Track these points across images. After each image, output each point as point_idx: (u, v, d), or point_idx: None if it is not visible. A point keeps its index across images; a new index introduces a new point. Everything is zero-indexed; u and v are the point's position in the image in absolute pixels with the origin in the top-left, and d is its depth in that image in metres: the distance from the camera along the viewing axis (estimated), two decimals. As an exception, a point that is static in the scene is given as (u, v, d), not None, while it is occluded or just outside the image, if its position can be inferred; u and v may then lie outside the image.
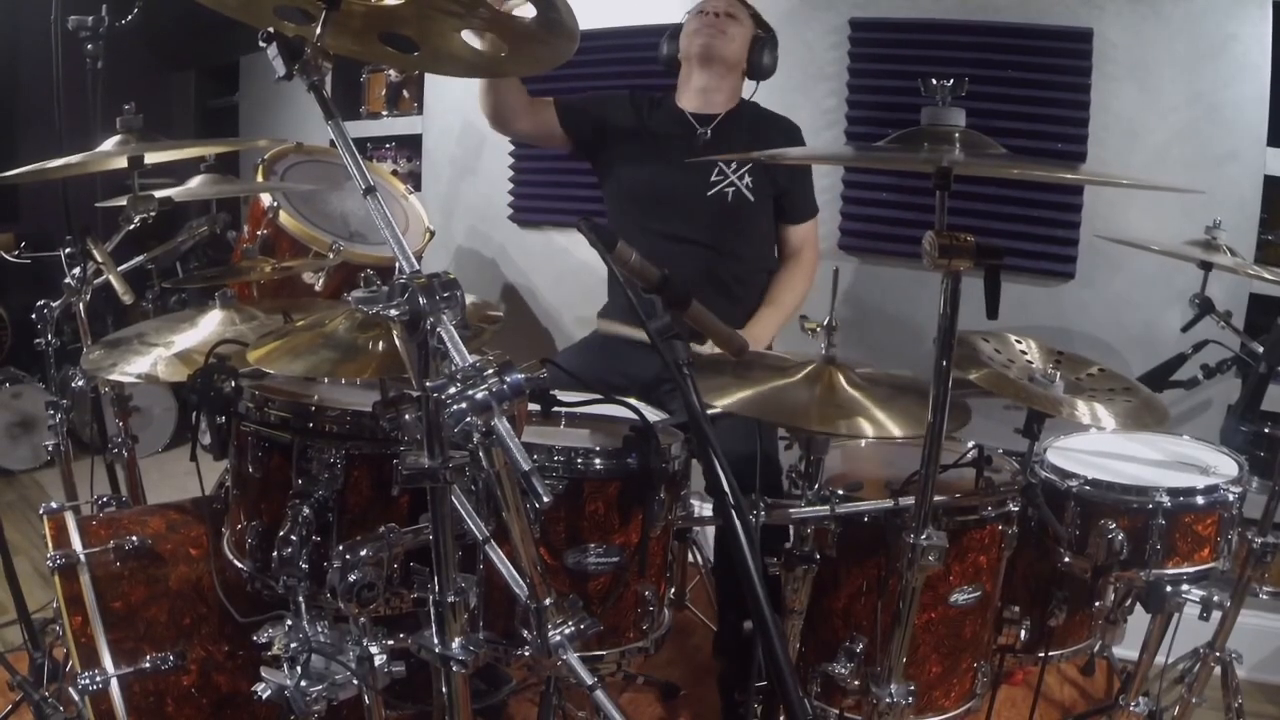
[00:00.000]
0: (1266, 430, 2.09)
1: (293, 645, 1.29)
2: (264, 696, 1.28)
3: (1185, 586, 1.75)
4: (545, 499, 0.97)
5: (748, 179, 2.36)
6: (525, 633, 1.13)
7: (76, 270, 2.06)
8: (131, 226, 2.02)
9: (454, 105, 3.82)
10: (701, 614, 2.65)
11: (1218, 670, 1.98)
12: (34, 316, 2.12)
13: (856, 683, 1.62)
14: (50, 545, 1.64)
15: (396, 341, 1.07)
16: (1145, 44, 2.66)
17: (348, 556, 1.14)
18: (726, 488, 1.13)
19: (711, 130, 2.41)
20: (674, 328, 1.26)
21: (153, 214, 2.00)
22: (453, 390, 0.94)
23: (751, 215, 2.40)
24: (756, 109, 2.51)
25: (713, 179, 2.37)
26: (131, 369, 1.79)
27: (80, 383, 2.16)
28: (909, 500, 1.51)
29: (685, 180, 2.38)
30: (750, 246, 2.44)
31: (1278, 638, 2.61)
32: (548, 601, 1.11)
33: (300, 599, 1.36)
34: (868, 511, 1.61)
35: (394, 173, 3.78)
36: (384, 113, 4.06)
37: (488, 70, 1.44)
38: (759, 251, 2.47)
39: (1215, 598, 1.74)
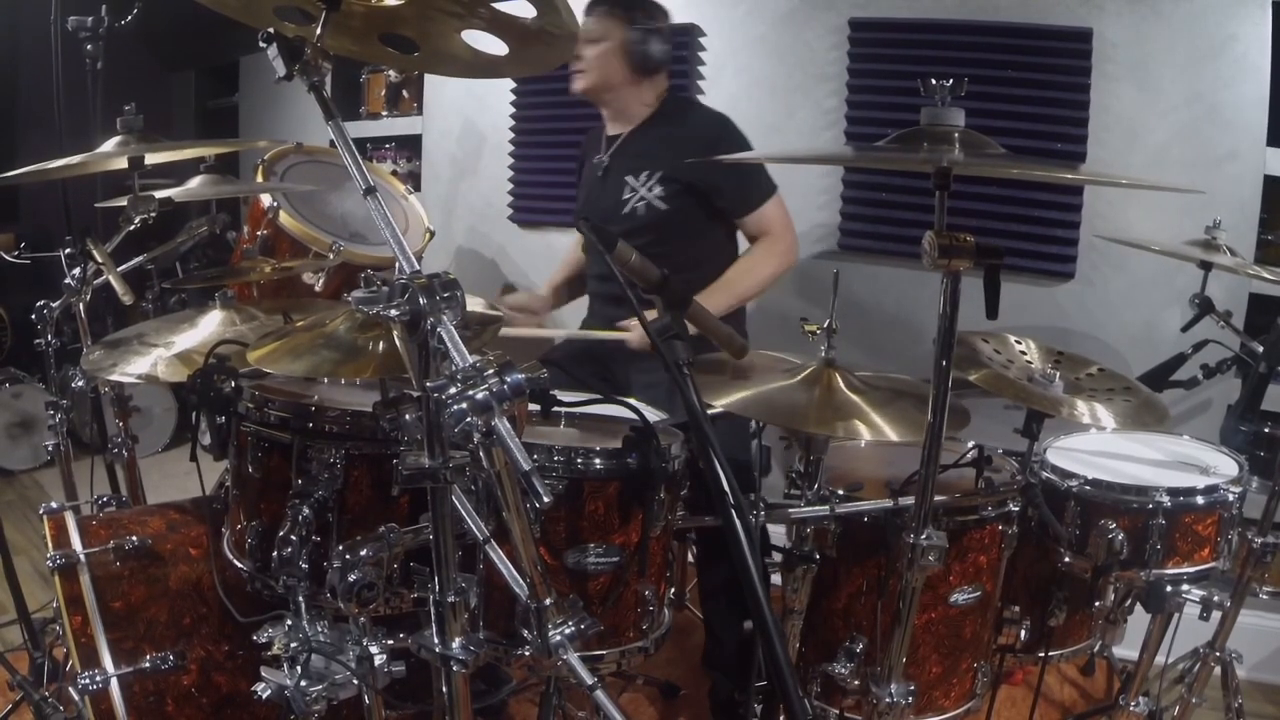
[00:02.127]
0: (1266, 430, 2.10)
1: (293, 645, 1.29)
2: (264, 696, 1.28)
3: (1185, 586, 1.75)
4: (545, 499, 0.97)
5: (657, 189, 2.31)
6: (525, 633, 1.13)
7: (76, 270, 2.05)
8: (131, 227, 2.02)
9: (454, 105, 3.82)
10: (701, 614, 2.65)
11: (1218, 670, 1.98)
12: (34, 317, 2.11)
13: (856, 683, 1.62)
14: (50, 545, 1.64)
15: (397, 342, 1.07)
16: (1145, 44, 2.66)
17: (348, 556, 1.15)
18: (726, 488, 1.13)
19: (610, 155, 2.40)
20: (673, 328, 1.26)
21: (153, 214, 2.00)
22: (453, 390, 0.94)
23: (668, 224, 2.31)
24: (677, 109, 2.43)
25: (624, 197, 2.34)
26: (131, 369, 1.79)
27: (80, 383, 2.16)
28: (909, 500, 1.51)
29: (602, 203, 2.37)
30: (674, 257, 2.24)
31: (1278, 638, 2.61)
32: (548, 601, 1.11)
33: (300, 599, 1.36)
34: (868, 511, 1.61)
35: (394, 173, 3.78)
36: (384, 113, 4.06)
37: (489, 71, 1.44)
38: (689, 259, 2.33)
39: (1215, 598, 1.74)
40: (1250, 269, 2.16)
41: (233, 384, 1.55)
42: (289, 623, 1.33)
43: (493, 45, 1.35)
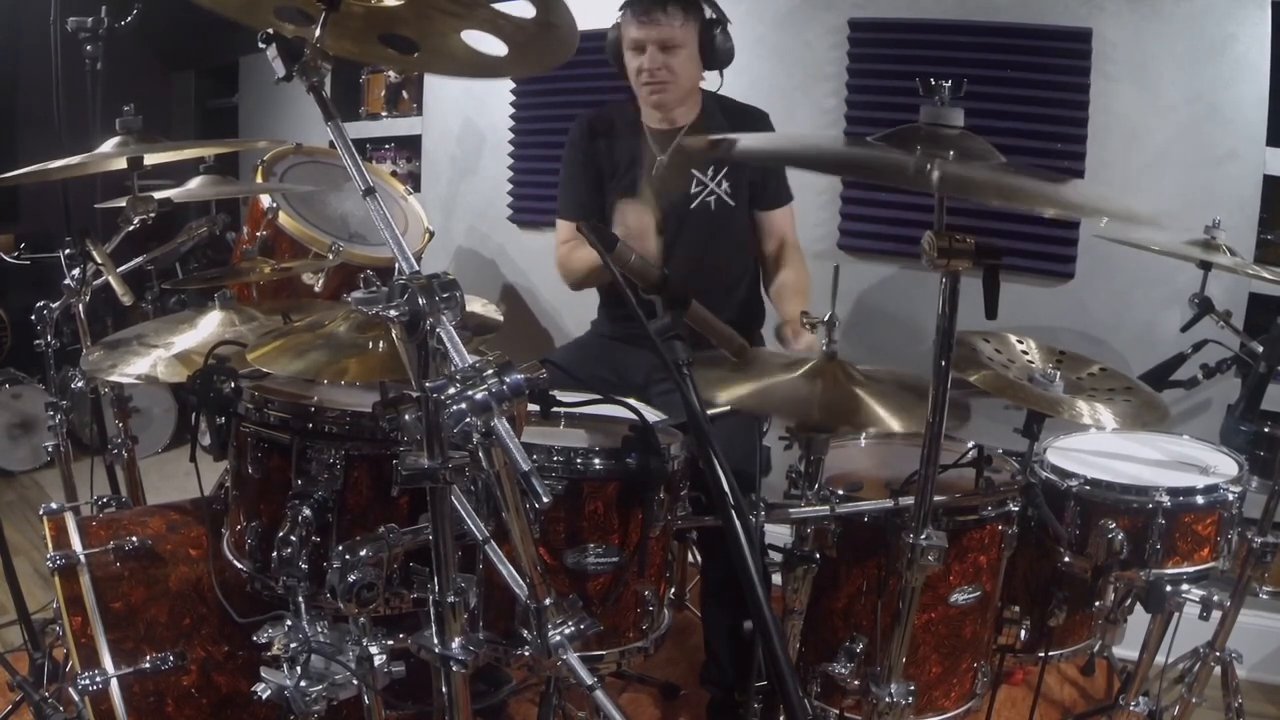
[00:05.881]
0: (1266, 430, 2.09)
1: (293, 645, 1.29)
2: (264, 696, 1.28)
3: (1185, 586, 1.75)
4: (545, 499, 0.97)
5: (725, 184, 2.32)
6: (525, 633, 1.13)
7: (76, 271, 2.06)
8: (131, 227, 2.02)
9: (453, 106, 3.82)
10: (701, 614, 2.64)
11: (1218, 670, 1.98)
12: (34, 317, 2.11)
13: (856, 683, 1.62)
14: (50, 546, 1.64)
15: (396, 342, 1.07)
16: (1145, 44, 2.66)
17: (347, 557, 1.14)
18: (726, 488, 1.13)
19: (669, 155, 2.33)
20: (674, 328, 1.26)
21: (152, 215, 2.00)
22: (452, 391, 0.95)
23: (735, 220, 2.36)
24: (722, 107, 2.39)
25: (693, 191, 2.32)
26: (131, 370, 1.79)
27: (80, 384, 2.16)
28: (909, 500, 1.51)
29: (664, 197, 2.29)
30: (736, 253, 2.41)
31: (1278, 638, 2.61)
32: (547, 601, 1.11)
33: (300, 599, 1.36)
34: (868, 511, 1.61)
35: (393, 174, 3.78)
36: (383, 113, 4.06)
37: (489, 71, 1.44)
38: (740, 245, 2.42)
39: (1215, 598, 1.74)
40: (1250, 269, 2.16)
41: (232, 384, 1.55)
42: (289, 623, 1.33)
43: (493, 45, 1.35)
